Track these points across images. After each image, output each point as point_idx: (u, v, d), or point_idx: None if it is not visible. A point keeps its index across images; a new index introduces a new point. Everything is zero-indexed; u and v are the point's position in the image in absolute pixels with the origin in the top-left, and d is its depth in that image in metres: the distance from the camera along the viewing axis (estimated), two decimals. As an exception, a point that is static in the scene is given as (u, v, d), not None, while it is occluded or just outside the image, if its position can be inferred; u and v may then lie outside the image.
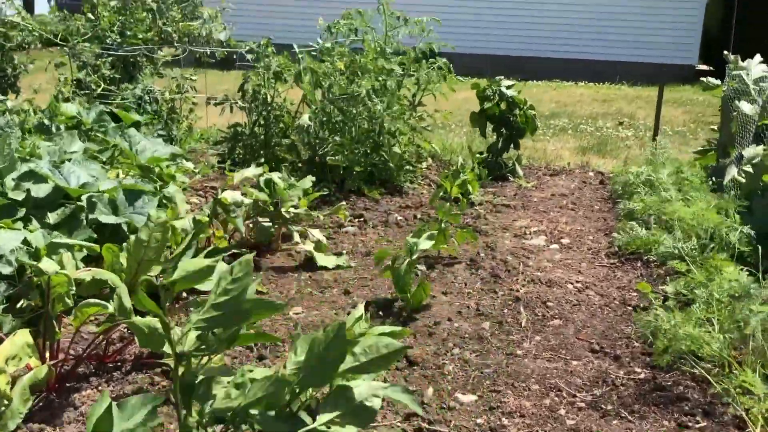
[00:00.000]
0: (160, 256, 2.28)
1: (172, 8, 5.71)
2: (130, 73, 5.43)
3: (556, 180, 4.95)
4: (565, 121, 7.60)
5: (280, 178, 3.22)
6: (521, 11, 14.51)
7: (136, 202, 2.77)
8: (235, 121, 5.29)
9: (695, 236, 3.08)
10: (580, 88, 11.67)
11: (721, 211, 3.45)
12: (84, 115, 3.58)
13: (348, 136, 4.38)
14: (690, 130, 7.18)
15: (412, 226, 3.77)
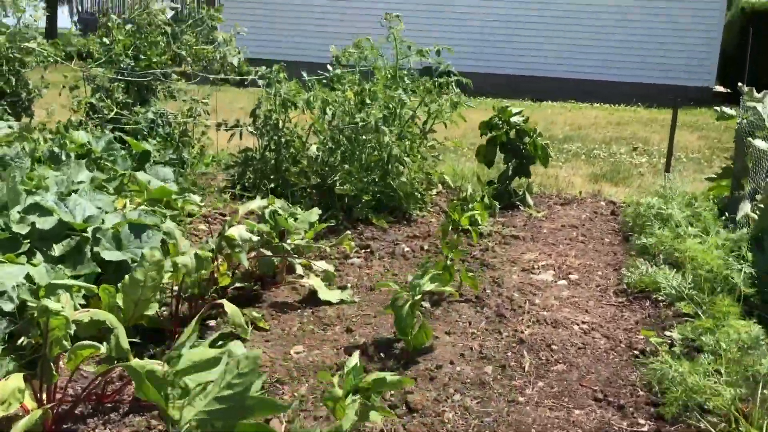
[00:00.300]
0: (157, 293, 2.28)
1: (186, 32, 5.76)
2: (143, 96, 5.48)
3: (567, 210, 4.91)
4: (578, 146, 7.56)
5: (284, 210, 3.22)
6: (537, 31, 14.52)
7: (140, 236, 2.78)
8: (246, 146, 5.32)
9: (704, 278, 3.03)
10: (594, 110, 11.62)
11: (734, 249, 3.40)
12: (93, 144, 3.60)
13: (357, 164, 4.38)
14: (705, 156, 7.11)
15: (419, 258, 3.75)
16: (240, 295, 3.08)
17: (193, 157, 5.48)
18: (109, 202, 3.13)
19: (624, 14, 13.90)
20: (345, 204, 4.43)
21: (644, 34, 13.86)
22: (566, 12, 14.18)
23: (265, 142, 5.06)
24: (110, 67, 4.96)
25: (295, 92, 4.90)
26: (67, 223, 2.76)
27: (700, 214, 4.04)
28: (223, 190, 4.84)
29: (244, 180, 5.02)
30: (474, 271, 3.53)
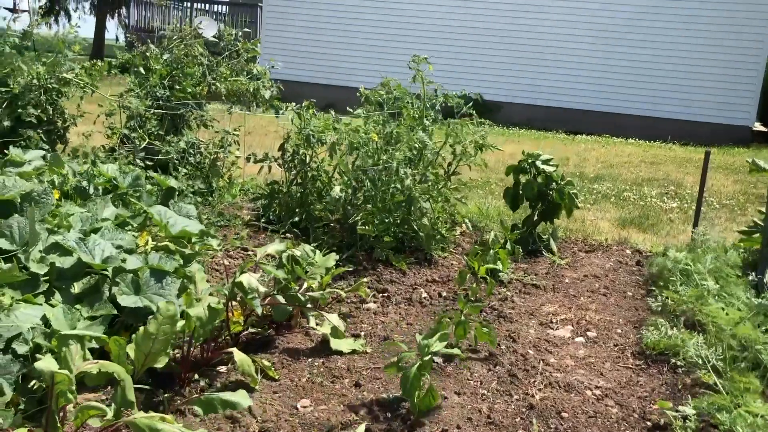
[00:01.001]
0: (168, 346, 2.30)
1: (221, 64, 5.87)
2: (176, 124, 5.58)
3: (592, 258, 4.84)
4: (608, 186, 7.47)
5: (303, 257, 3.23)
6: (574, 63, 14.45)
7: (160, 281, 2.81)
8: (273, 179, 5.38)
9: (726, 346, 2.96)
10: (629, 146, 11.49)
11: (759, 314, 3.32)
12: (120, 180, 3.68)
13: (379, 205, 4.39)
14: (738, 203, 6.96)
15: (436, 305, 3.73)
16: (253, 340, 3.10)
17: (221, 187, 5.56)
18: (131, 240, 3.18)
19: (662, 49, 13.77)
20: (366, 243, 4.44)
21: (683, 70, 13.69)
22: (603, 45, 14.09)
23: (292, 176, 5.12)
24: (145, 98, 5.06)
25: (323, 128, 4.95)
26: (86, 263, 2.81)
27: (727, 274, 3.95)
28: (248, 222, 4.88)
29: (269, 212, 5.07)
30: (490, 322, 3.49)
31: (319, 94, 15.97)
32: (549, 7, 14.34)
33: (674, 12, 13.62)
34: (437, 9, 15.00)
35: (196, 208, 4.88)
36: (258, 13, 19.66)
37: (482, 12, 14.75)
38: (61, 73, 4.49)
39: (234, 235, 4.70)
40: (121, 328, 2.88)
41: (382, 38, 15.45)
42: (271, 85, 5.97)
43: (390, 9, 15.34)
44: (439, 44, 14.96)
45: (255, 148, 7.88)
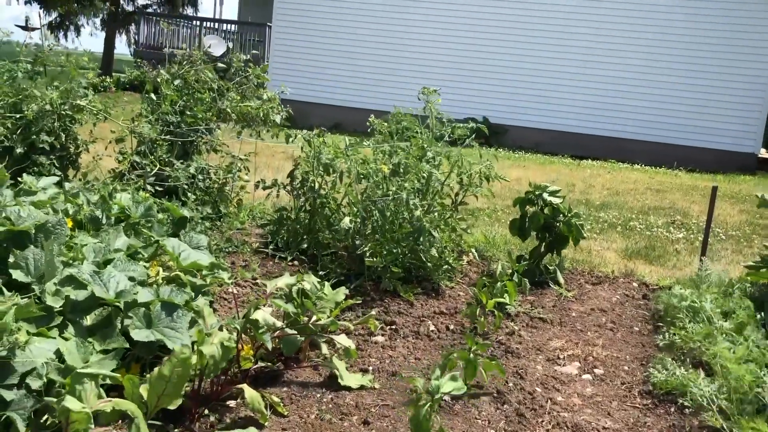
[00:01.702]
0: (181, 390, 2.32)
1: (232, 89, 5.93)
2: (186, 149, 5.64)
3: (598, 290, 4.85)
4: (614, 215, 7.49)
5: (312, 290, 3.26)
6: (580, 89, 14.53)
7: (171, 314, 2.83)
8: (281, 206, 5.42)
9: (733, 388, 2.96)
10: (635, 173, 11.52)
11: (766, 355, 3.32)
12: (133, 210, 3.72)
13: (387, 236, 4.42)
14: (744, 234, 6.98)
15: (444, 339, 3.74)
16: (261, 373, 3.11)
17: (229, 213, 5.60)
18: (143, 271, 3.20)
19: (669, 76, 13.85)
20: (375, 273, 4.46)
21: (690, 96, 13.77)
22: (610, 71, 14.18)
23: (301, 203, 5.16)
24: (156, 123, 5.12)
25: (333, 155, 4.99)
26: (99, 297, 2.84)
27: (734, 310, 3.96)
28: (257, 249, 4.91)
29: (277, 239, 5.10)
30: (498, 358, 3.51)
31: (326, 114, 16.11)
32: (558, 34, 14.45)
33: (681, 39, 13.72)
34: (445, 33, 15.14)
35: (205, 234, 4.94)
36: (267, 32, 19.86)
37: (489, 36, 14.87)
38: (75, 99, 4.54)
39: (242, 262, 4.74)
40: (132, 361, 2.91)
41: (390, 60, 15.58)
42: (281, 110, 6.03)
43: (398, 32, 15.48)
44: (446, 67, 15.08)
45: (262, 169, 7.97)
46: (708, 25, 13.52)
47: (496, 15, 14.77)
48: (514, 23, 14.67)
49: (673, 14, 13.70)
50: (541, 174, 10.35)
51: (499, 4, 14.74)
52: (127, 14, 29.95)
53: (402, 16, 15.40)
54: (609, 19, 14.06)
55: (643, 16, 13.86)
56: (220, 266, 3.25)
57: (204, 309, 2.90)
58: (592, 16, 14.17)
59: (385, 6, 15.50)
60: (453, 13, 15.04)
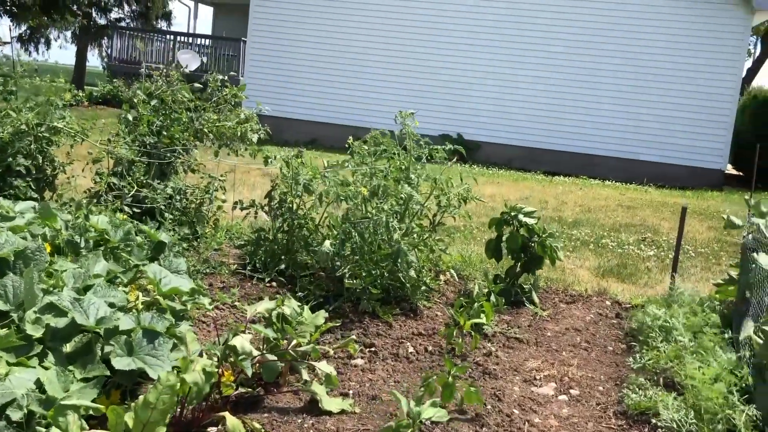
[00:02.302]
0: (166, 418, 2.33)
1: (209, 109, 5.94)
2: (162, 169, 5.63)
3: (572, 309, 4.94)
4: (587, 232, 7.62)
5: (293, 315, 3.28)
6: (550, 107, 14.76)
7: (153, 342, 2.84)
8: (259, 226, 5.44)
9: (703, 408, 3.05)
10: (606, 189, 11.72)
11: (736, 375, 3.42)
12: (112, 234, 3.71)
13: (367, 257, 4.46)
14: (713, 252, 7.15)
15: (423, 361, 3.78)
16: (242, 398, 3.12)
17: (206, 233, 5.60)
18: (123, 297, 3.20)
19: (639, 94, 14.15)
20: (353, 294, 4.49)
21: (659, 114, 14.07)
22: (581, 89, 14.44)
23: (279, 224, 5.18)
24: (134, 145, 5.12)
25: (311, 177, 5.03)
26: (79, 324, 2.84)
27: (703, 329, 4.06)
28: (235, 271, 4.92)
29: (255, 260, 5.11)
30: (476, 380, 3.56)
31: (303, 129, 16.14)
32: (527, 53, 14.69)
33: (650, 59, 14.04)
34: (421, 52, 15.29)
35: (183, 255, 4.93)
36: (241, 47, 19.85)
37: (463, 56, 15.06)
38: (52, 121, 4.53)
39: (220, 283, 4.74)
40: (112, 388, 2.90)
41: (367, 77, 15.68)
42: (258, 129, 6.05)
43: (375, 50, 15.60)
44: (422, 85, 15.23)
45: (238, 185, 7.97)
46: (676, 45, 13.86)
47: (470, 36, 14.98)
48: (488, 44, 14.88)
49: (642, 34, 14.01)
50: (514, 191, 10.49)
51: (473, 26, 14.94)
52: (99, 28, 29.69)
53: (378, 35, 15.53)
54: (580, 38, 14.34)
55: (614, 35, 14.16)
56: (200, 292, 3.26)
57: (187, 335, 2.91)
58: (563, 36, 14.43)
59: (362, 24, 15.62)
60: (429, 33, 15.21)
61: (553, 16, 14.45)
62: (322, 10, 15.84)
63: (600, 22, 14.23)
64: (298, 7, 16.02)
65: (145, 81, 5.86)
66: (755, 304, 4.02)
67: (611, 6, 14.13)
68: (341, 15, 15.73)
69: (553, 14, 14.45)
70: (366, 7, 15.54)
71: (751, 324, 3.94)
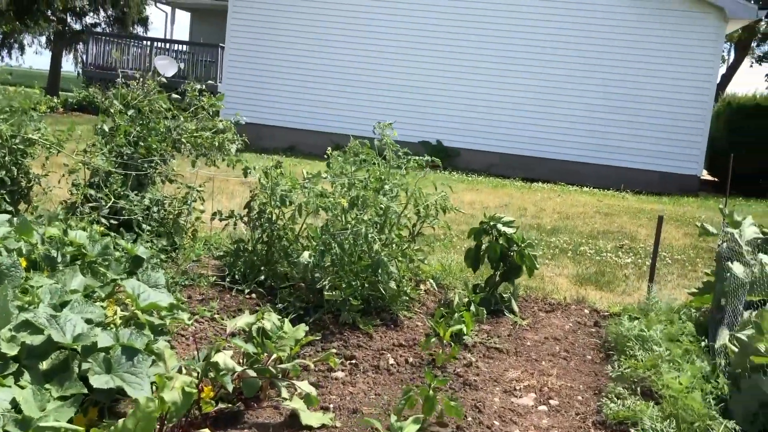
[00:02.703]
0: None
1: (187, 119, 5.91)
2: (140, 181, 5.58)
3: (551, 318, 4.98)
4: (565, 240, 7.68)
5: (273, 330, 3.27)
6: (531, 113, 14.87)
7: (131, 359, 2.81)
8: (239, 237, 5.42)
9: (680, 417, 3.09)
10: (584, 195, 11.83)
11: (711, 380, 3.47)
12: (89, 248, 3.67)
13: (347, 269, 4.45)
14: (689, 258, 7.24)
15: (404, 373, 3.79)
16: (222, 414, 3.10)
17: (184, 244, 5.56)
18: (100, 312, 3.17)
19: (615, 100, 14.31)
20: (333, 305, 4.48)
21: (635, 121, 14.24)
22: (560, 96, 14.57)
23: (258, 235, 5.16)
24: (111, 156, 5.07)
25: (291, 187, 5.02)
26: (56, 342, 2.80)
27: (679, 337, 4.12)
28: (214, 283, 4.89)
29: (234, 271, 5.08)
30: (456, 391, 3.57)
31: (281, 136, 16.09)
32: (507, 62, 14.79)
33: (628, 66, 14.21)
34: (400, 60, 15.34)
35: (161, 267, 4.89)
36: (219, 53, 19.76)
37: (442, 63, 15.13)
38: (26, 132, 4.47)
39: (199, 295, 4.71)
40: (90, 405, 2.87)
41: (346, 84, 15.68)
42: (236, 139, 6.02)
43: (354, 57, 15.62)
44: (401, 92, 15.26)
45: (217, 194, 7.93)
46: (652, 52, 14.05)
47: (449, 44, 15.05)
48: (467, 52, 14.97)
49: (618, 41, 14.18)
50: (494, 198, 10.55)
51: (452, 35, 15.02)
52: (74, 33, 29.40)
53: (358, 43, 15.55)
54: (558, 47, 14.47)
55: (592, 44, 14.32)
56: (179, 307, 3.24)
57: (165, 351, 2.89)
58: (542, 45, 14.56)
59: (341, 32, 15.64)
60: (408, 41, 15.26)
61: (531, 25, 14.58)
62: (300, 17, 15.83)
63: (577, 30, 14.38)
64: (276, 14, 16.00)
65: (122, 89, 5.81)
66: (730, 313, 4.08)
67: (588, 15, 14.29)
68: (319, 22, 15.73)
69: (531, 24, 14.58)
70: (345, 15, 15.56)
71: (726, 332, 4.00)
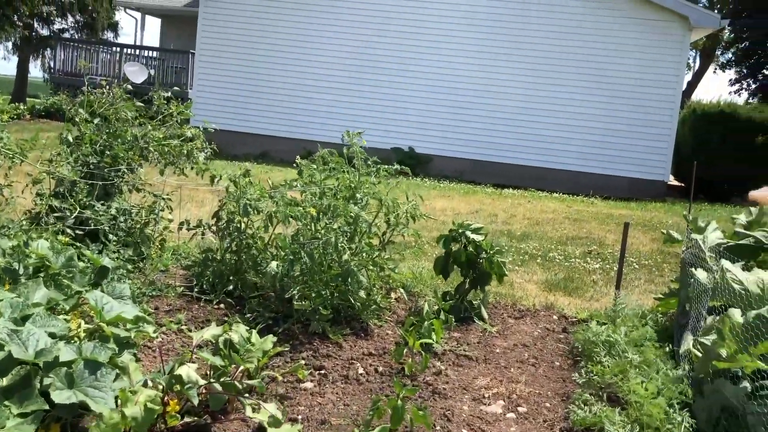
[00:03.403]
0: (107, 455, 2.27)
1: (155, 127, 5.84)
2: (107, 190, 5.51)
3: (520, 324, 5.02)
4: (535, 246, 7.75)
5: (240, 342, 3.24)
6: (500, 120, 14.99)
7: (95, 373, 2.77)
8: (207, 246, 5.37)
9: (646, 424, 3.13)
10: (554, 201, 11.95)
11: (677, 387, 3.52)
12: (53, 260, 3.61)
13: (316, 278, 4.44)
14: (656, 263, 7.36)
15: (373, 383, 3.78)
16: (188, 428, 3.07)
17: (152, 252, 5.49)
18: (64, 326, 3.11)
19: (585, 107, 14.50)
20: (303, 315, 4.46)
21: (603, 128, 14.44)
22: (528, 103, 14.72)
23: (227, 244, 5.12)
24: (76, 165, 5.00)
25: (259, 196, 4.99)
26: (17, 358, 2.75)
27: (645, 343, 4.17)
28: (182, 293, 4.83)
29: (202, 281, 5.03)
30: (425, 400, 3.58)
31: (253, 143, 16.01)
32: (478, 68, 14.91)
33: (595, 73, 14.41)
34: (370, 66, 15.36)
35: (128, 277, 4.83)
36: (190, 59, 19.61)
37: (413, 71, 15.19)
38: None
39: (166, 306, 4.66)
40: (52, 421, 2.82)
41: (318, 91, 15.66)
42: (205, 147, 5.97)
43: (326, 63, 15.61)
44: (373, 100, 15.29)
45: (186, 202, 7.85)
46: (619, 60, 14.26)
47: (419, 50, 15.12)
48: (437, 60, 15.05)
49: (585, 50, 14.37)
50: (465, 204, 10.61)
51: (422, 43, 15.08)
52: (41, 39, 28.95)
53: (329, 48, 15.54)
54: (525, 55, 14.62)
55: (558, 52, 14.49)
56: (144, 319, 3.20)
57: (130, 365, 2.85)
58: (508, 52, 14.69)
59: (312, 37, 15.62)
60: (378, 48, 15.30)
61: (498, 33, 14.71)
62: (271, 23, 15.78)
63: (546, 39, 14.54)
64: (246, 20, 15.93)
65: (89, 96, 5.72)
66: (694, 318, 4.15)
67: (557, 22, 14.47)
68: (291, 28, 15.70)
69: (498, 32, 14.71)
70: (316, 22, 15.55)
71: (690, 337, 4.07)
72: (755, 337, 3.16)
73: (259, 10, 15.79)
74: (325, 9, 15.47)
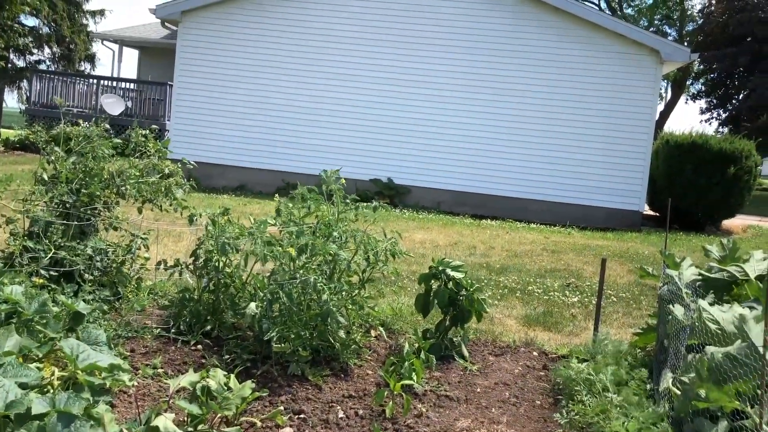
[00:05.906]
0: None
1: (132, 165, 5.80)
2: (83, 229, 5.44)
3: (501, 362, 5.00)
4: (514, 279, 7.78)
5: (218, 389, 3.19)
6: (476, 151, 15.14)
7: (69, 425, 2.70)
8: (184, 286, 5.31)
9: (628, 467, 3.12)
10: (532, 233, 12.03)
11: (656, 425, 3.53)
12: (26, 306, 3.54)
13: (295, 318, 4.40)
14: (633, 296, 7.41)
15: (353, 426, 3.74)
16: (166, 479, 3.00)
17: (129, 292, 5.42)
18: (37, 375, 3.05)
19: (560, 140, 14.69)
20: (282, 356, 4.42)
21: (578, 158, 14.63)
22: (504, 134, 14.89)
23: (204, 283, 5.07)
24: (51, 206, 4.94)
25: (238, 234, 4.96)
26: (-12, 410, 2.68)
27: (626, 380, 4.18)
28: (158, 335, 4.76)
29: (180, 321, 4.97)
30: (406, 444, 3.54)
31: (231, 175, 15.96)
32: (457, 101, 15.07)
33: (569, 105, 14.64)
34: (350, 99, 15.46)
35: (103, 318, 4.75)
36: (167, 91, 19.59)
37: (391, 103, 15.31)
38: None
39: (143, 348, 4.58)
40: (23, 476, 2.74)
41: (297, 124, 15.70)
42: (183, 183, 5.93)
43: (304, 96, 15.67)
44: (352, 132, 15.36)
45: (164, 237, 7.78)
46: (593, 92, 14.51)
47: (397, 85, 15.26)
48: (415, 92, 15.19)
49: (560, 83, 14.61)
50: (444, 236, 10.64)
51: (400, 76, 15.23)
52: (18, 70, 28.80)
53: (307, 81, 15.62)
54: (501, 87, 14.82)
55: (534, 84, 14.71)
56: (120, 368, 3.13)
57: (105, 416, 2.78)
58: (485, 86, 14.89)
59: (291, 71, 15.69)
60: (357, 81, 15.42)
61: (476, 66, 14.91)
62: (249, 56, 15.85)
63: (521, 72, 14.76)
64: (224, 52, 15.98)
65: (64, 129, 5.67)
66: (672, 355, 4.17)
67: (532, 56, 14.71)
68: (269, 61, 15.77)
69: (476, 66, 14.91)
70: (295, 54, 15.64)
71: (669, 375, 4.08)
72: (731, 378, 3.18)
73: (237, 43, 15.87)
74: (302, 44, 15.59)
